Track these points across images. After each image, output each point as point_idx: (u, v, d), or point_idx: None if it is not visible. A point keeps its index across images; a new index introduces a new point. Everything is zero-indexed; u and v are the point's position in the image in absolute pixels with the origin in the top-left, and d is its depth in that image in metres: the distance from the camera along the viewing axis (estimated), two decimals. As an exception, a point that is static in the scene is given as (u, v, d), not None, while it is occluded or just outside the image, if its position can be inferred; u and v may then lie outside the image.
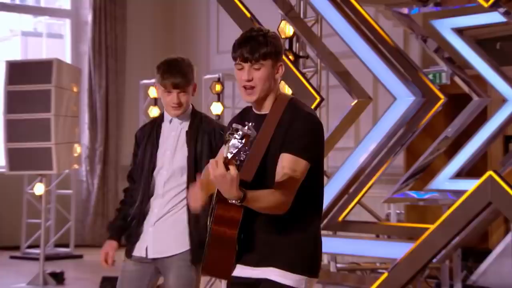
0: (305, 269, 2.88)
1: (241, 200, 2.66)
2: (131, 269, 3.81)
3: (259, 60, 2.83)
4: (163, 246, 3.75)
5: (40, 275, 7.80)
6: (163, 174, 3.76)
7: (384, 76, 5.76)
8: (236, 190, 2.62)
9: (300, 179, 2.79)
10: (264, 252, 2.87)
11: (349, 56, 6.65)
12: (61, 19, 11.76)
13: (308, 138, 2.82)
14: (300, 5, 6.75)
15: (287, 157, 2.80)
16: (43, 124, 7.56)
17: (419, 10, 6.07)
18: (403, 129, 5.79)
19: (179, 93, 3.72)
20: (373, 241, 5.96)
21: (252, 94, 2.86)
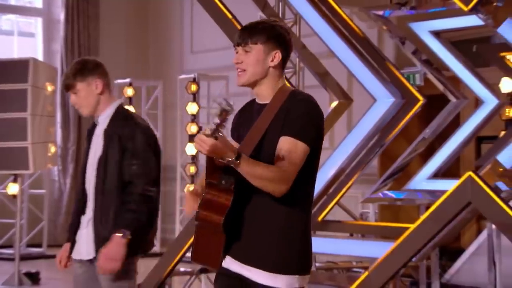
0: (296, 268, 2.81)
1: (236, 157, 2.64)
2: (78, 272, 3.78)
3: (248, 43, 2.85)
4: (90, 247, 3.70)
5: (16, 275, 7.75)
6: (90, 173, 3.76)
7: (364, 78, 5.82)
8: (229, 147, 2.63)
9: (299, 163, 2.75)
10: (251, 249, 2.82)
11: (325, 56, 6.72)
12: (32, 18, 11.67)
13: (305, 120, 2.79)
14: (278, 6, 6.80)
15: (286, 139, 2.76)
16: (19, 123, 7.50)
17: (396, 13, 6.15)
18: (382, 130, 5.86)
19: (72, 92, 3.74)
20: (353, 241, 6.03)
21: (241, 77, 2.88)
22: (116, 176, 3.66)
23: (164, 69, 11.23)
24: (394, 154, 6.88)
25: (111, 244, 3.57)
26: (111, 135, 3.70)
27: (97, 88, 3.73)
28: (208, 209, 2.75)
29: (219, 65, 9.73)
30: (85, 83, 3.72)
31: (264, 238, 2.81)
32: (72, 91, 3.73)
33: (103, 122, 3.76)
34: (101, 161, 3.69)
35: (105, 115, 3.75)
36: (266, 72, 2.89)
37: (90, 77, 3.73)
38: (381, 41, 9.07)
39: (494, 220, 5.20)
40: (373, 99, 5.86)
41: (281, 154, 2.74)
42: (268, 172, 2.71)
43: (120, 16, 11.53)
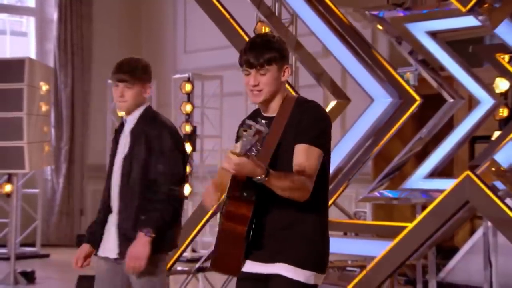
0: (315, 266, 2.96)
1: (266, 175, 2.74)
2: (103, 269, 3.82)
3: (264, 65, 2.95)
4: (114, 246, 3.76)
5: (11, 274, 7.75)
6: (117, 172, 3.81)
7: (361, 77, 5.85)
8: (259, 166, 2.73)
9: (316, 167, 2.89)
10: (275, 248, 2.95)
11: (320, 56, 6.74)
12: (25, 17, 11.65)
13: (318, 127, 2.93)
14: (275, 5, 6.81)
15: (302, 147, 2.89)
16: (15, 123, 7.50)
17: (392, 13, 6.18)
18: (379, 130, 5.89)
19: (125, 86, 3.75)
20: (349, 239, 6.07)
21: (259, 96, 2.98)
22: (141, 175, 3.73)
23: (157, 69, 11.16)
24: (388, 154, 6.92)
25: (136, 243, 3.66)
26: (137, 135, 3.76)
27: (146, 92, 3.81)
28: (231, 220, 2.86)
29: (213, 65, 9.77)
30: (141, 83, 3.77)
31: (286, 238, 2.94)
32: (127, 85, 3.74)
33: (131, 122, 3.82)
34: (127, 159, 3.76)
35: (134, 115, 3.81)
36: (280, 88, 3.01)
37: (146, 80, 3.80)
38: (375, 41, 9.10)
39: (491, 218, 5.25)
40: (370, 99, 5.89)
41: (299, 160, 2.87)
42: (293, 183, 2.83)
43: (113, 16, 11.53)
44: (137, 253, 3.63)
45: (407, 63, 7.07)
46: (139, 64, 3.82)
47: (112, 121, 10.31)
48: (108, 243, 3.79)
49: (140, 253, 3.63)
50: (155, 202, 3.68)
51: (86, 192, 11.23)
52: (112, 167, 3.84)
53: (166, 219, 3.69)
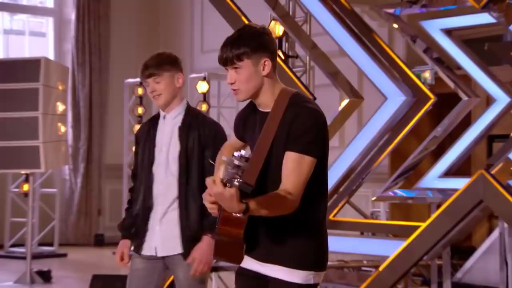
0: (312, 265, 2.87)
1: (244, 213, 2.65)
2: (140, 267, 3.84)
3: (234, 62, 2.81)
4: (171, 244, 3.78)
5: (27, 274, 7.79)
6: (161, 170, 3.79)
7: (374, 76, 5.81)
8: (237, 204, 2.61)
9: (306, 177, 2.77)
10: (270, 248, 2.87)
11: (335, 55, 6.71)
12: (44, 18, 11.71)
13: (312, 133, 2.78)
14: (289, 5, 6.79)
15: (292, 156, 2.77)
16: (30, 122, 7.52)
17: (407, 11, 6.13)
18: (394, 128, 5.84)
19: (154, 81, 3.76)
20: (364, 239, 6.02)
21: (238, 95, 2.87)
22: (198, 174, 3.72)
23: (174, 69, 11.22)
24: (405, 153, 6.86)
25: (204, 247, 3.69)
26: (189, 131, 3.75)
27: (178, 82, 3.81)
28: (227, 225, 2.78)
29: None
30: (170, 74, 3.78)
31: (281, 237, 2.86)
32: (155, 79, 3.76)
33: (174, 118, 3.81)
34: (181, 159, 3.74)
35: (176, 111, 3.81)
36: (261, 83, 2.85)
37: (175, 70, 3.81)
38: (392, 39, 9.05)
39: (506, 217, 5.20)
40: (384, 98, 5.85)
41: (288, 172, 2.77)
42: (277, 206, 2.74)
43: (131, 16, 11.56)
44: (206, 257, 3.68)
45: (424, 62, 7.01)
46: (163, 56, 3.82)
47: (129, 120, 10.33)
48: (155, 242, 3.78)
49: (209, 258, 3.67)
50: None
51: (104, 191, 11.27)
52: (150, 163, 3.81)
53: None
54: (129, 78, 10.05)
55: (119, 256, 3.86)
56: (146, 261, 3.83)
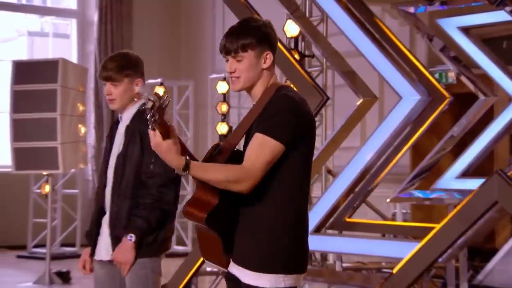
0: (281, 267, 2.74)
1: (183, 168, 2.63)
2: (99, 273, 3.73)
3: (239, 52, 2.81)
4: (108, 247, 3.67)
5: (46, 274, 7.82)
6: (109, 173, 3.70)
7: (390, 75, 5.74)
8: (176, 158, 2.62)
9: (267, 160, 2.69)
10: (241, 251, 2.79)
11: (355, 55, 6.64)
12: (67, 19, 11.78)
13: (280, 117, 2.73)
14: (305, 4, 6.74)
15: (255, 137, 2.73)
16: (49, 123, 7.56)
17: (425, 9, 6.05)
18: (409, 128, 5.77)
19: (112, 84, 3.65)
20: (379, 241, 5.94)
21: (236, 83, 2.85)
22: (133, 175, 3.60)
23: (196, 69, 11.23)
24: (427, 152, 6.74)
25: (120, 248, 3.58)
26: (132, 133, 3.63)
27: (137, 86, 3.66)
28: (194, 206, 2.74)
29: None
30: (129, 79, 3.65)
31: (249, 237, 2.78)
32: (112, 82, 3.65)
33: (126, 120, 3.69)
34: (120, 159, 3.64)
35: (129, 112, 3.68)
36: (260, 75, 2.85)
37: (134, 74, 3.67)
38: (413, 38, 8.95)
39: (521, 219, 5.09)
40: (399, 97, 5.77)
41: (248, 149, 2.73)
42: (224, 175, 2.68)
43: (153, 17, 11.57)
44: (121, 258, 3.56)
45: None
46: (126, 59, 3.70)
47: (150, 121, 10.33)
48: (102, 246, 3.68)
49: (124, 258, 3.55)
50: (142, 206, 3.56)
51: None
52: (106, 166, 3.71)
53: (152, 225, 3.57)
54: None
55: (81, 265, 3.77)
56: (106, 266, 3.71)
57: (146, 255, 3.61)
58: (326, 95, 5.42)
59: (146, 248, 3.60)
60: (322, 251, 6.27)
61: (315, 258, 6.72)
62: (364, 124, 8.84)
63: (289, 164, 2.74)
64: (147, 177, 3.58)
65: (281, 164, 2.73)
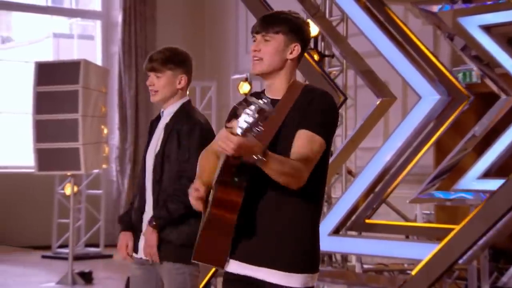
0: (307, 267, 2.77)
1: (264, 155, 2.53)
2: (136, 273, 3.72)
3: (269, 32, 2.79)
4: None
5: (69, 275, 7.85)
6: (148, 172, 3.69)
7: (409, 75, 5.68)
8: (258, 145, 2.52)
9: (316, 157, 2.70)
10: (263, 250, 2.75)
11: (377, 54, 6.59)
12: (92, 21, 11.85)
13: (326, 116, 2.76)
14: (325, 3, 6.70)
15: (303, 133, 2.71)
16: (70, 124, 7.60)
17: (446, 8, 5.98)
18: (429, 128, 5.71)
19: (155, 75, 3.66)
20: (398, 242, 5.88)
21: (257, 65, 2.81)
22: (173, 174, 3.59)
23: (219, 70, 11.23)
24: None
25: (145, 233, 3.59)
26: (170, 131, 3.63)
27: (180, 83, 3.68)
28: (220, 208, 2.65)
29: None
30: (172, 72, 3.66)
31: (275, 237, 2.74)
32: (156, 73, 3.66)
33: (166, 117, 3.70)
34: (158, 157, 3.63)
35: (170, 110, 3.69)
36: (283, 64, 2.82)
37: (178, 70, 3.68)
38: (437, 37, 8.85)
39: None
40: (418, 97, 5.71)
41: (299, 147, 2.69)
42: (290, 169, 2.63)
43: (177, 18, 11.59)
44: (146, 241, 3.56)
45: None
46: (173, 53, 3.71)
47: (173, 122, 10.35)
48: (141, 244, 3.65)
49: (149, 241, 3.55)
50: (169, 199, 3.56)
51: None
52: (144, 161, 3.72)
53: (172, 215, 3.55)
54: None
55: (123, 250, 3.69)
56: (141, 267, 3.70)
57: (182, 260, 3.57)
58: (345, 95, 5.39)
59: (180, 252, 3.55)
60: (341, 252, 6.22)
61: (336, 260, 6.68)
62: (387, 125, 8.78)
63: (319, 163, 2.74)
64: (180, 174, 3.57)
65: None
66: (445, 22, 5.98)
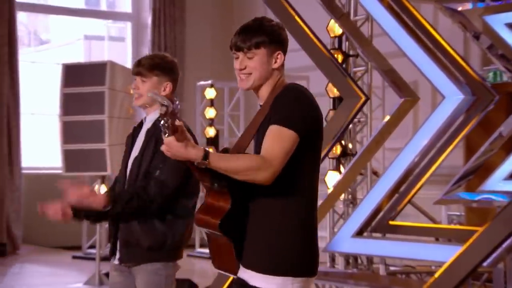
0: (288, 269, 2.69)
1: (203, 158, 2.55)
2: (115, 280, 3.66)
3: (251, 49, 2.79)
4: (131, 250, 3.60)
5: (96, 275, 7.89)
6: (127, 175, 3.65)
7: (432, 74, 5.60)
8: (193, 149, 2.55)
9: (286, 149, 2.64)
10: (246, 252, 2.74)
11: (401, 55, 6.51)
12: (123, 22, 11.92)
13: (291, 107, 2.70)
14: (350, 2, 6.63)
15: (270, 128, 2.67)
16: (97, 125, 7.62)
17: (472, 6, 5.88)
18: (453, 128, 5.62)
19: (140, 79, 3.63)
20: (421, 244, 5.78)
21: (247, 80, 2.81)
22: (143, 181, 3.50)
23: (247, 71, 11.18)
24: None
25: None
26: (150, 137, 3.58)
27: (164, 90, 3.65)
28: (206, 213, 2.70)
29: (301, 65, 9.62)
30: (158, 78, 3.63)
31: (259, 239, 2.73)
32: (142, 78, 3.63)
33: (149, 122, 3.67)
34: (135, 162, 3.59)
35: (153, 115, 3.64)
36: (270, 74, 2.82)
37: (164, 77, 3.65)
38: (468, 36, 8.72)
39: None
40: (442, 97, 5.63)
41: (264, 142, 2.67)
42: (244, 163, 2.61)
43: (206, 19, 11.60)
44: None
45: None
46: (161, 60, 3.68)
47: (201, 123, 10.36)
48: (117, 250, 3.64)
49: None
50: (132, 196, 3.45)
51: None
52: (125, 167, 3.68)
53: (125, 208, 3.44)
54: (201, 81, 10.07)
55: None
56: (123, 273, 3.64)
57: (161, 259, 3.54)
58: (367, 95, 5.33)
59: (160, 252, 3.53)
60: (363, 254, 6.15)
61: (362, 261, 6.61)
62: (416, 126, 8.67)
63: (299, 159, 2.69)
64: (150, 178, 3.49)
65: (290, 162, 2.67)
66: (471, 21, 5.88)
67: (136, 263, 3.58)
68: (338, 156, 6.43)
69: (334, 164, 6.53)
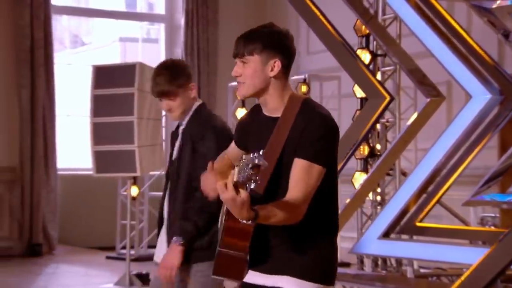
0: (320, 277, 2.74)
1: (252, 220, 2.52)
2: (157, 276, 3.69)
3: (244, 55, 2.73)
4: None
5: (127, 276, 7.92)
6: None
7: (459, 74, 5.52)
8: (247, 211, 2.47)
9: (314, 186, 2.64)
10: (277, 259, 2.73)
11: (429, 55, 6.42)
12: (157, 24, 11.97)
13: (324, 142, 2.66)
14: (378, 2, 6.57)
15: (300, 163, 2.64)
16: (126, 127, 7.64)
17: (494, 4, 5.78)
18: (482, 128, 5.52)
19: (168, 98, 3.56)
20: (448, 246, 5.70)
21: (241, 89, 2.76)
22: (186, 180, 3.54)
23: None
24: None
25: (168, 252, 3.53)
26: (186, 136, 3.59)
27: (192, 92, 3.62)
28: (232, 236, 2.64)
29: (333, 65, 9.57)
30: (183, 89, 3.58)
31: (289, 248, 2.73)
32: (169, 97, 3.55)
33: (184, 123, 3.65)
34: (175, 164, 3.62)
35: (187, 117, 3.62)
36: (266, 83, 2.73)
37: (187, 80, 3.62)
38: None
39: None
40: (469, 96, 5.54)
41: (295, 181, 2.63)
42: (285, 215, 2.58)
43: (238, 20, 11.56)
44: (167, 262, 3.49)
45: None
46: (173, 68, 3.61)
47: (232, 123, 10.34)
48: (160, 252, 3.67)
49: (170, 263, 3.48)
50: (190, 210, 3.51)
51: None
52: (171, 164, 3.70)
53: (201, 229, 3.50)
54: (233, 82, 10.05)
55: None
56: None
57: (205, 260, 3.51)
58: (391, 95, 5.26)
59: (204, 253, 3.51)
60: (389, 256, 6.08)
61: (390, 264, 6.53)
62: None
63: (326, 177, 2.69)
64: (197, 181, 3.42)
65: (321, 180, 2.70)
66: (499, 19, 5.77)
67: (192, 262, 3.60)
68: (365, 156, 6.37)
69: (362, 165, 6.46)
